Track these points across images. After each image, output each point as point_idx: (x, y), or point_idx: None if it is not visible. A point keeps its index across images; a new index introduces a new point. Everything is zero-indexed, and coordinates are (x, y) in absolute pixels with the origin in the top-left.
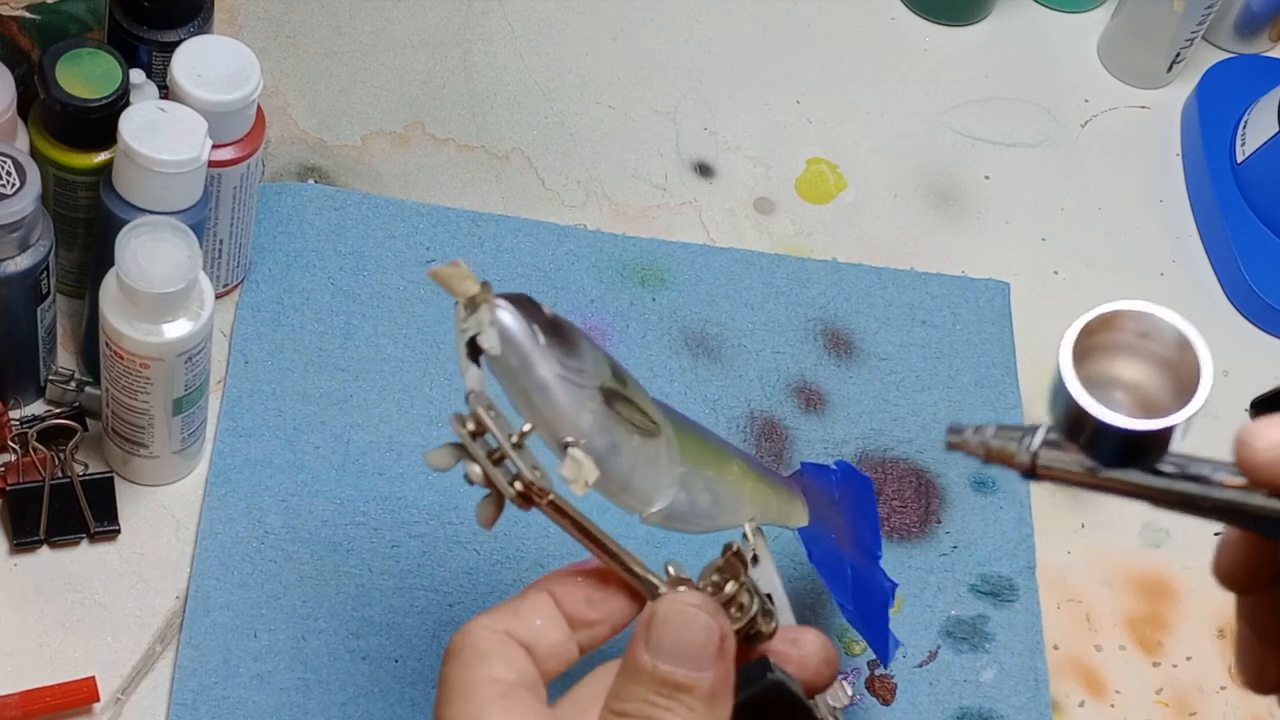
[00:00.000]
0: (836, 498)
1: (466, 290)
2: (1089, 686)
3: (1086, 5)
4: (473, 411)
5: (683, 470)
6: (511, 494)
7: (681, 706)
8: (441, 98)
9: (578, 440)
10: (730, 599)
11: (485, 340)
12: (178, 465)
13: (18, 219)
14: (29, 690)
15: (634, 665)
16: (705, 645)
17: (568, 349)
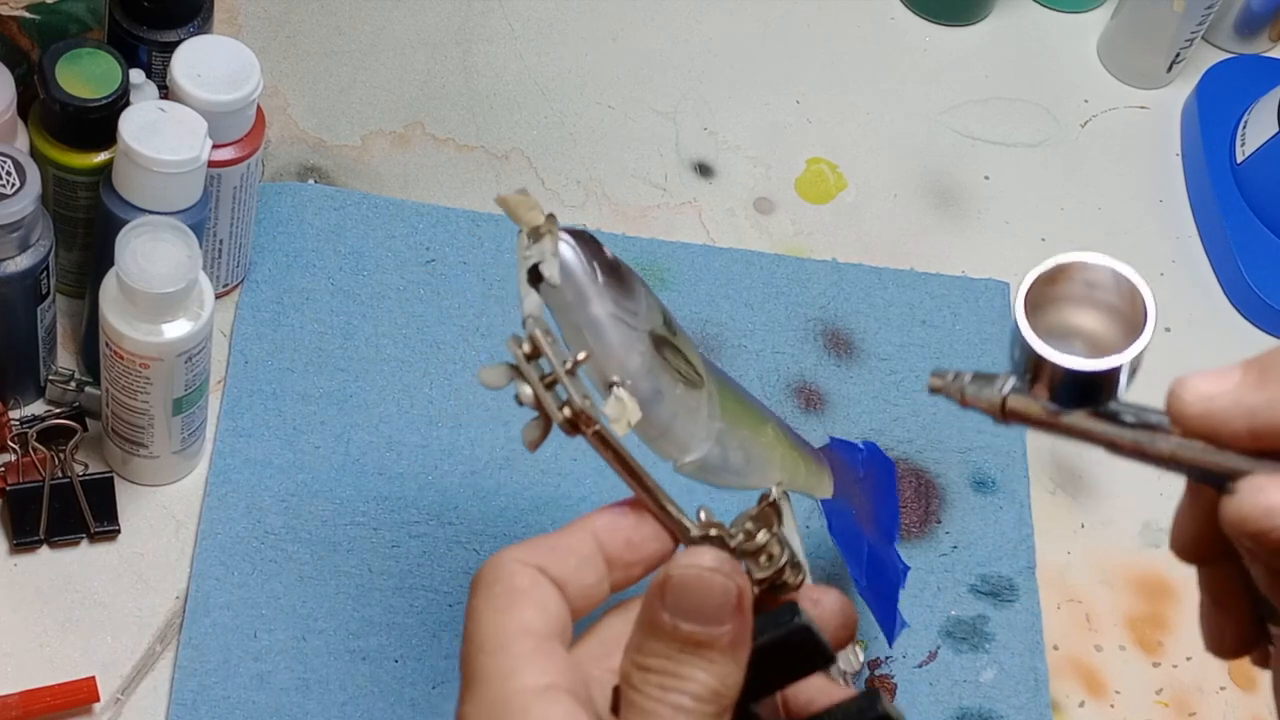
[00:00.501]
0: (861, 476)
1: (532, 220)
2: (1089, 686)
3: (1086, 5)
4: (530, 334)
5: (721, 426)
6: (560, 419)
7: (702, 660)
8: (441, 98)
9: (624, 381)
10: (760, 548)
11: (547, 269)
12: (178, 465)
13: (18, 219)
14: (29, 690)
15: (654, 623)
16: (724, 605)
17: (623, 290)
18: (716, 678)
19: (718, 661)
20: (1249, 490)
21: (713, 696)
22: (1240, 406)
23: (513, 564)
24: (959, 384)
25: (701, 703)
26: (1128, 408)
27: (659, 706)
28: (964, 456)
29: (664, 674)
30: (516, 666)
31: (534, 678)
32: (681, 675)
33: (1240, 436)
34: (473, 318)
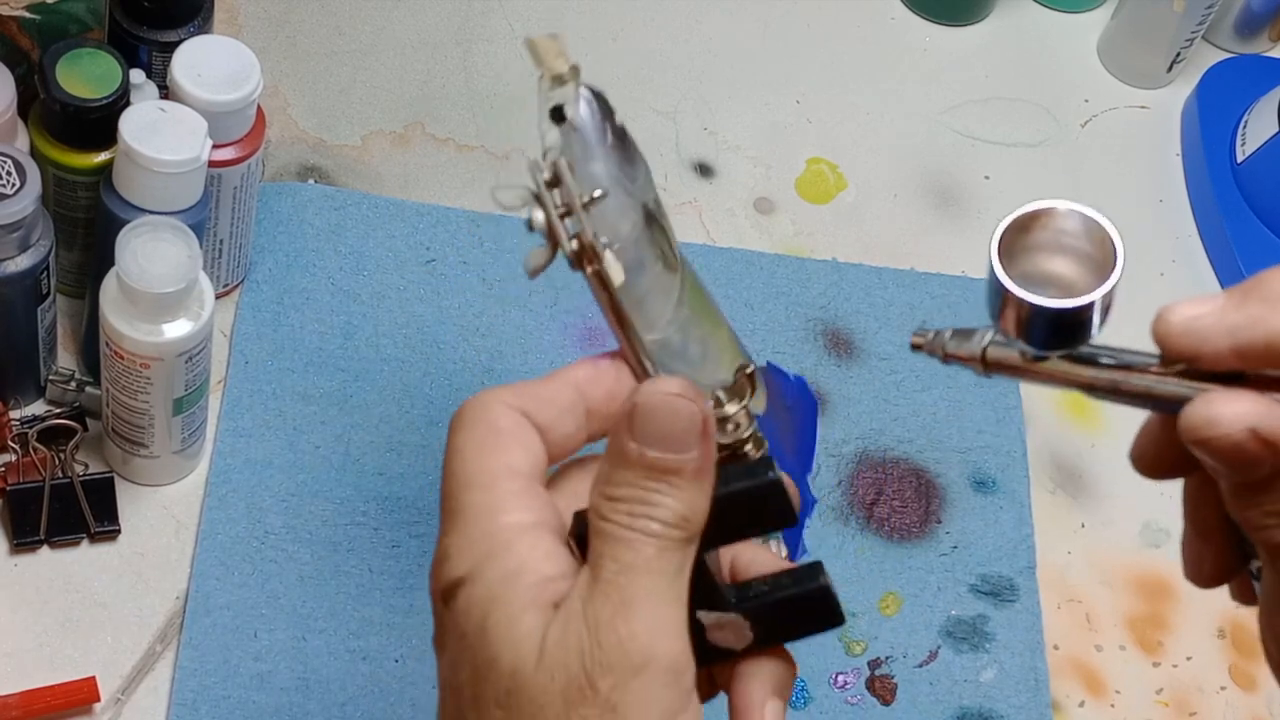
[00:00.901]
0: (789, 404)
1: (558, 67)
2: (1089, 686)
3: (1086, 5)
4: (552, 161)
5: (687, 314)
6: (568, 249)
7: (669, 487)
8: (441, 98)
9: (613, 243)
10: (728, 417)
11: (571, 110)
12: (178, 465)
13: (18, 219)
14: (29, 690)
15: (621, 453)
16: (689, 430)
17: (627, 158)
18: (684, 503)
19: (684, 488)
20: (1200, 400)
21: (680, 522)
22: (1223, 325)
23: (497, 405)
24: (939, 340)
25: (669, 528)
26: (1105, 350)
27: (627, 533)
28: (964, 456)
29: (632, 501)
30: (503, 504)
31: (519, 515)
32: (649, 502)
33: (1223, 354)
34: (473, 318)
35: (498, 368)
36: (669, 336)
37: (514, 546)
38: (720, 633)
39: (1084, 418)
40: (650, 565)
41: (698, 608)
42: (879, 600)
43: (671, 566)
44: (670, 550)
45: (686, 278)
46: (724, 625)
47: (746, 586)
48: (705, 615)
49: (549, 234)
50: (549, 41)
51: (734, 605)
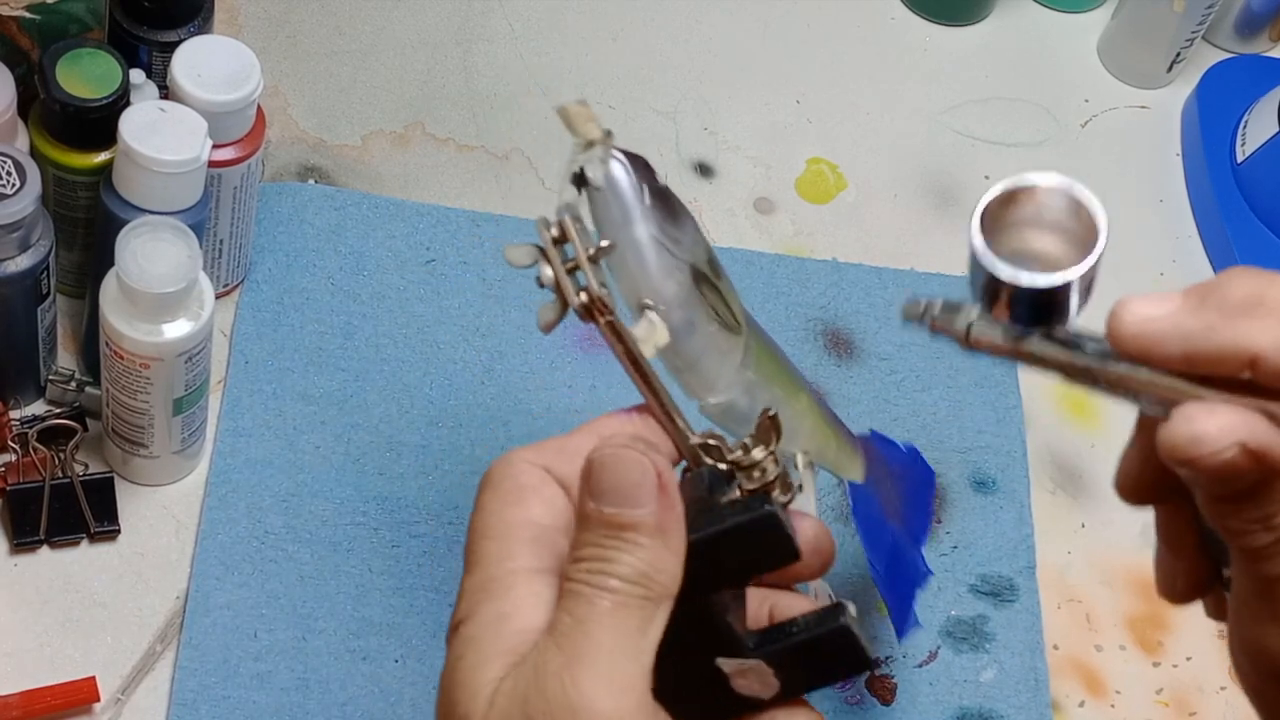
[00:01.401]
0: (897, 473)
1: (589, 133)
2: (1089, 686)
3: (1086, 5)
4: (559, 219)
5: (752, 377)
6: (576, 303)
7: (628, 544)
8: (441, 98)
9: (657, 305)
10: (755, 463)
11: (591, 169)
12: (178, 465)
13: (18, 219)
14: (29, 690)
15: (582, 514)
16: (640, 483)
17: (670, 218)
18: (643, 560)
19: (645, 545)
20: (1179, 418)
21: (640, 578)
22: (1177, 330)
23: (521, 463)
24: (929, 313)
25: (629, 584)
26: (1089, 337)
27: (588, 589)
28: (964, 456)
29: (592, 560)
30: (513, 550)
31: (526, 561)
32: (607, 559)
33: (1173, 359)
34: (473, 318)
35: (498, 368)
36: (734, 400)
37: (513, 591)
38: (744, 681)
39: (1084, 418)
40: (603, 620)
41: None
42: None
43: (630, 623)
44: (629, 608)
45: (754, 342)
46: (746, 673)
47: (771, 632)
48: (725, 662)
49: (557, 288)
50: (580, 108)
51: (752, 651)
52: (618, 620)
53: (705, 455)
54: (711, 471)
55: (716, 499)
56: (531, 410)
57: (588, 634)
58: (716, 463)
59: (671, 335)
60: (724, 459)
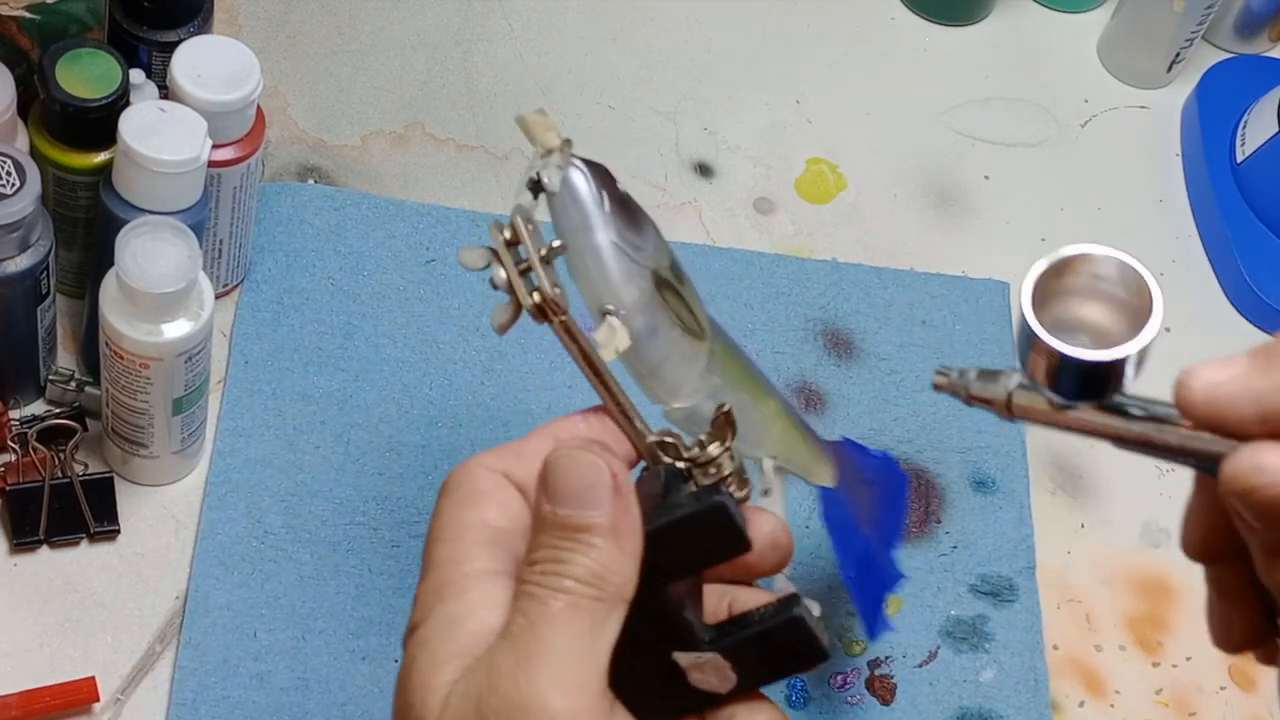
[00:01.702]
0: (869, 479)
1: (548, 141)
2: (1089, 686)
3: (1086, 5)
4: (512, 220)
5: (717, 382)
6: (529, 304)
7: (582, 546)
8: (441, 98)
9: (618, 310)
10: (711, 459)
11: (546, 175)
12: (178, 465)
13: (18, 219)
14: (29, 690)
15: (538, 516)
16: (595, 484)
17: (631, 225)
18: (597, 562)
19: (599, 546)
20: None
21: (593, 579)
22: (1248, 392)
23: (478, 468)
24: (964, 381)
25: (582, 585)
26: (1134, 400)
27: (541, 591)
28: (964, 456)
29: (546, 561)
30: (468, 553)
31: (481, 563)
32: (561, 560)
33: (1249, 422)
34: (472, 318)
35: (498, 367)
36: (698, 405)
37: (467, 593)
38: (700, 675)
39: None
40: (557, 621)
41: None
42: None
43: (583, 625)
44: (581, 609)
45: (719, 347)
46: (703, 666)
47: (726, 625)
48: (680, 656)
49: (510, 289)
50: (539, 117)
51: (708, 644)
52: (571, 621)
53: (662, 453)
54: (668, 469)
55: (673, 495)
56: (531, 410)
57: (540, 635)
58: (674, 460)
59: (633, 340)
60: (680, 456)
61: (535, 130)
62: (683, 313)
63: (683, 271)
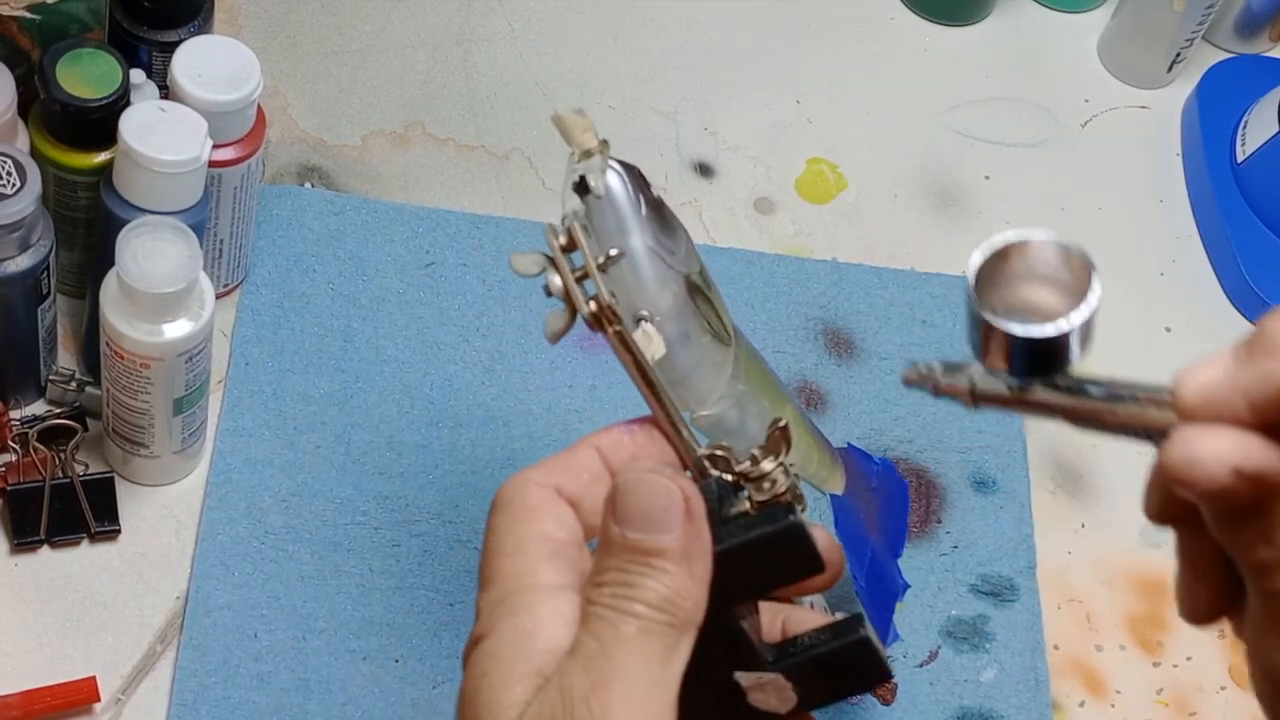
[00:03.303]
0: (873, 486)
1: (585, 142)
2: (1089, 686)
3: (1086, 5)
4: (568, 226)
5: (742, 389)
6: (586, 312)
7: (654, 570)
8: (441, 98)
9: (653, 316)
10: (764, 475)
11: (593, 179)
12: (178, 465)
13: (18, 219)
14: (29, 690)
15: (606, 538)
16: (667, 509)
17: (665, 229)
18: (669, 587)
19: (670, 571)
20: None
21: (665, 604)
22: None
23: (528, 484)
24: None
25: (654, 610)
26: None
27: (612, 614)
28: (964, 456)
29: (615, 585)
30: (534, 566)
31: (548, 577)
32: (631, 584)
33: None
34: (473, 319)
35: (498, 368)
36: (724, 413)
37: (536, 608)
38: (761, 695)
39: None
40: (629, 646)
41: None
42: None
43: (655, 651)
44: (653, 634)
45: (742, 353)
46: (764, 686)
47: (787, 645)
48: (742, 676)
49: (566, 297)
50: (576, 118)
51: (771, 664)
52: (643, 646)
53: (712, 466)
54: (719, 482)
55: (725, 511)
56: (531, 410)
57: (613, 659)
58: (723, 474)
59: (666, 347)
60: (731, 470)
61: (573, 131)
62: (712, 319)
63: (710, 277)
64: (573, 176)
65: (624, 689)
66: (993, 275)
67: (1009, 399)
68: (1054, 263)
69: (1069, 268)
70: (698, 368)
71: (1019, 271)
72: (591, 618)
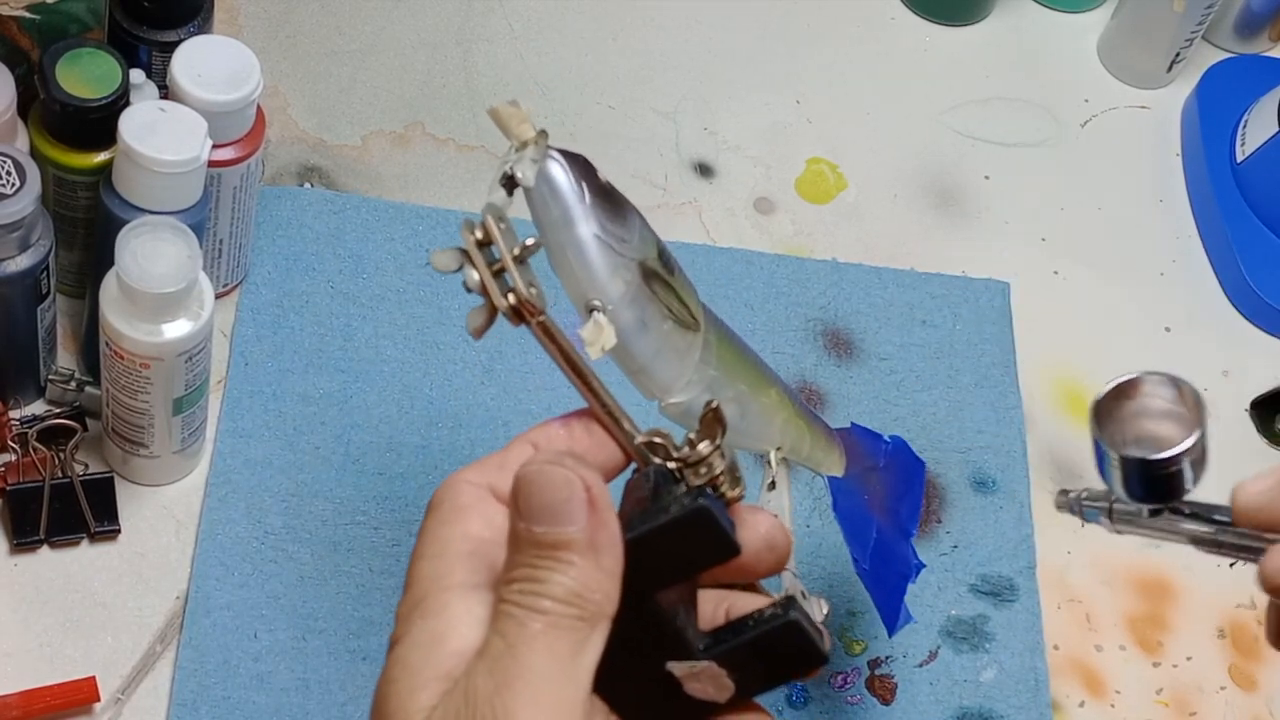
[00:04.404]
0: (880, 465)
1: (522, 134)
2: (1089, 686)
3: (1086, 5)
4: (483, 220)
5: (714, 374)
6: (504, 305)
7: (560, 564)
8: (441, 98)
9: (604, 306)
10: (702, 459)
11: (519, 169)
12: (178, 465)
13: (18, 219)
14: (29, 690)
15: (513, 534)
16: (569, 499)
17: (614, 216)
18: (576, 580)
19: (576, 564)
20: (1274, 554)
21: (572, 598)
22: None
23: (460, 484)
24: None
25: (561, 604)
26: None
27: (519, 611)
28: (964, 456)
29: (523, 580)
30: (450, 568)
31: (465, 577)
32: (538, 579)
33: None
34: None
35: (497, 368)
36: (694, 399)
37: (449, 609)
38: (697, 684)
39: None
40: (535, 643)
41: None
42: None
43: (563, 646)
44: (561, 630)
45: (713, 338)
46: (699, 675)
47: (721, 632)
48: (675, 666)
49: (483, 292)
50: (511, 109)
51: (702, 652)
52: (550, 642)
53: (651, 454)
54: (658, 470)
55: (662, 498)
56: (531, 410)
57: (518, 657)
58: (664, 461)
59: (621, 336)
60: (670, 456)
61: (508, 122)
62: (673, 304)
63: (672, 261)
64: (502, 169)
65: (529, 688)
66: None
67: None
68: (1170, 397)
69: (1183, 401)
70: (658, 355)
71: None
72: (500, 616)
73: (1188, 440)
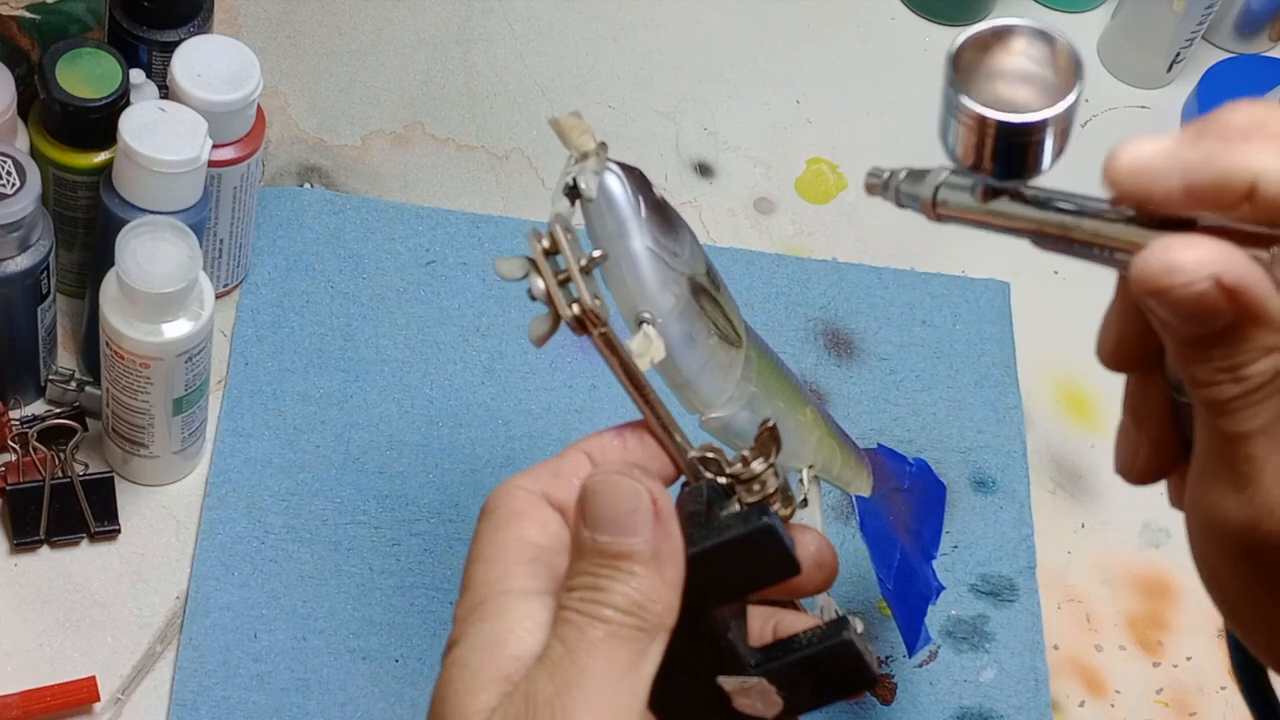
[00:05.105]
0: (904, 487)
1: (583, 145)
2: (1089, 686)
3: (1086, 5)
4: (550, 229)
5: (754, 391)
6: (569, 315)
7: (622, 574)
8: (441, 98)
9: (654, 319)
10: (754, 476)
11: (584, 181)
12: (178, 465)
13: (18, 219)
14: (29, 690)
15: (576, 543)
16: (635, 511)
17: (667, 230)
18: (638, 590)
19: (639, 574)
20: (1155, 247)
21: (634, 609)
22: (1176, 161)
23: (515, 489)
24: (894, 182)
25: (623, 614)
26: (1060, 194)
27: (580, 619)
28: (964, 456)
29: (585, 589)
30: (508, 572)
31: (522, 582)
32: (600, 588)
33: (1174, 194)
34: (472, 318)
35: (498, 368)
36: (734, 415)
37: (507, 613)
38: (746, 700)
39: (1084, 418)
40: (596, 651)
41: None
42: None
43: (622, 655)
44: (621, 639)
45: (754, 354)
46: (748, 691)
47: (773, 649)
48: (726, 681)
49: (548, 300)
50: (573, 120)
51: (754, 669)
52: (610, 651)
53: (704, 469)
54: (710, 486)
55: (715, 514)
56: (531, 410)
57: (578, 663)
58: (715, 477)
59: (669, 349)
60: (723, 472)
61: (569, 133)
62: (719, 320)
63: (718, 277)
64: (565, 180)
65: (589, 694)
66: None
67: (972, 211)
68: (1041, 59)
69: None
70: (704, 370)
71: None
72: (561, 623)
73: (1059, 105)
